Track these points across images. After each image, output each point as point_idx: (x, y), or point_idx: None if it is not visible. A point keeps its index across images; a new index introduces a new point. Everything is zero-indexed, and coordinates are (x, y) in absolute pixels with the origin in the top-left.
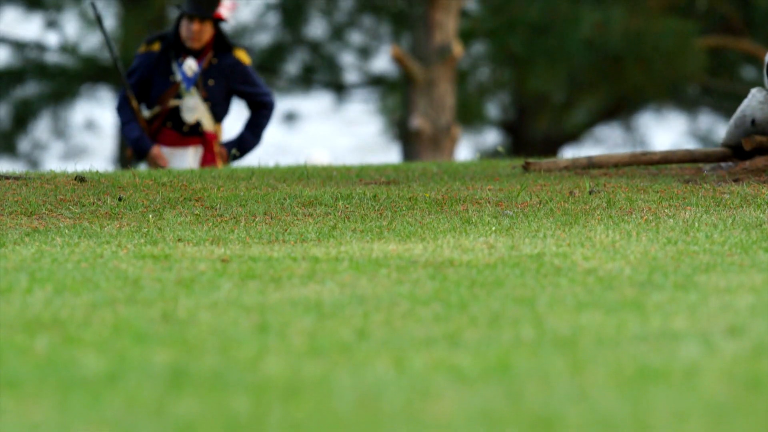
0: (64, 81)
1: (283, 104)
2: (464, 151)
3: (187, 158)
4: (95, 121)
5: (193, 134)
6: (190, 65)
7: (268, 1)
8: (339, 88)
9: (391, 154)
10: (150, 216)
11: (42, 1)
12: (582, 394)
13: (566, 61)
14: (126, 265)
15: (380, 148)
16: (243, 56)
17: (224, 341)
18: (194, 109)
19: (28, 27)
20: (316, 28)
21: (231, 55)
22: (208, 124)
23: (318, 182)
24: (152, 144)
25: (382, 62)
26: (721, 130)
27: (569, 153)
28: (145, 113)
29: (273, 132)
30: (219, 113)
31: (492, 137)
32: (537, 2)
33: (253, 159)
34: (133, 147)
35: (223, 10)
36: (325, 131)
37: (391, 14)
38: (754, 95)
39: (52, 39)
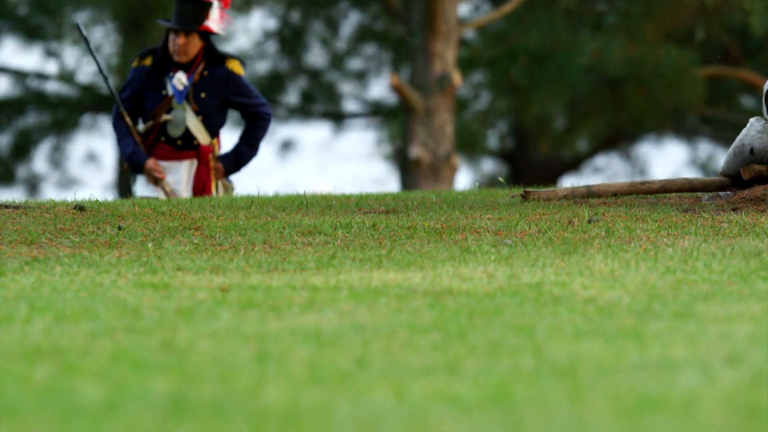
0: (65, 111)
1: (281, 132)
2: (463, 179)
3: (182, 172)
4: (95, 150)
5: (188, 148)
6: (180, 79)
7: (266, 29)
8: (338, 117)
9: (390, 183)
10: (149, 245)
11: (41, 31)
12: (581, 423)
13: (566, 88)
14: (125, 294)
15: (379, 177)
16: (236, 67)
17: (223, 370)
18: (181, 123)
19: (28, 57)
20: (316, 56)
21: (223, 66)
22: (202, 137)
23: (317, 211)
24: (147, 158)
25: (382, 91)
26: (720, 159)
27: (568, 182)
28: (141, 127)
29: (271, 160)
30: (213, 126)
31: (491, 166)
32: (536, 32)
33: (252, 188)
34: (129, 162)
35: (211, 23)
36: (324, 160)
37: (390, 44)
38: (753, 124)
39: (52, 68)
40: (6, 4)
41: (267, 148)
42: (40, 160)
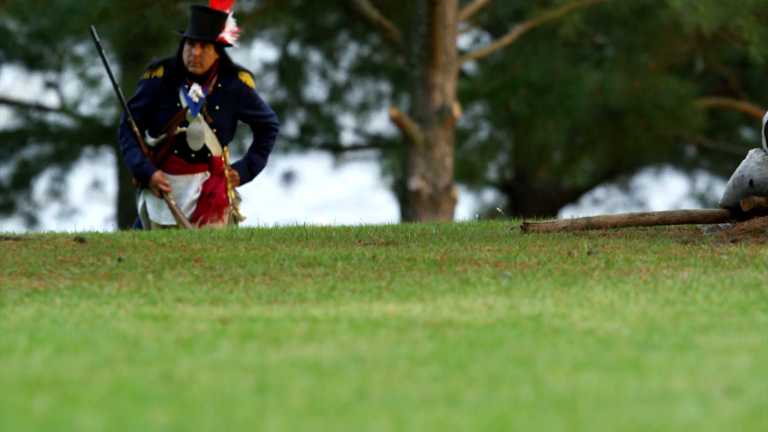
0: (66, 143)
1: (281, 164)
2: (463, 211)
3: (193, 185)
4: (96, 181)
5: (201, 161)
6: (196, 91)
7: (266, 60)
8: (337, 149)
9: (390, 214)
10: (149, 276)
11: (41, 61)
12: None
13: (566, 118)
14: (125, 325)
15: (378, 208)
16: (248, 79)
17: (223, 401)
18: (200, 135)
19: (29, 88)
20: (316, 88)
21: (236, 78)
22: (215, 149)
23: (317, 243)
24: (154, 169)
25: (381, 123)
26: (719, 190)
27: (568, 214)
28: (150, 140)
29: (271, 192)
30: (225, 138)
31: (491, 198)
32: (537, 63)
33: (252, 219)
34: (135, 173)
35: (227, 35)
36: (324, 191)
37: (390, 76)
38: (752, 156)
39: (52, 100)
40: (6, 33)
41: (268, 180)
42: (40, 192)
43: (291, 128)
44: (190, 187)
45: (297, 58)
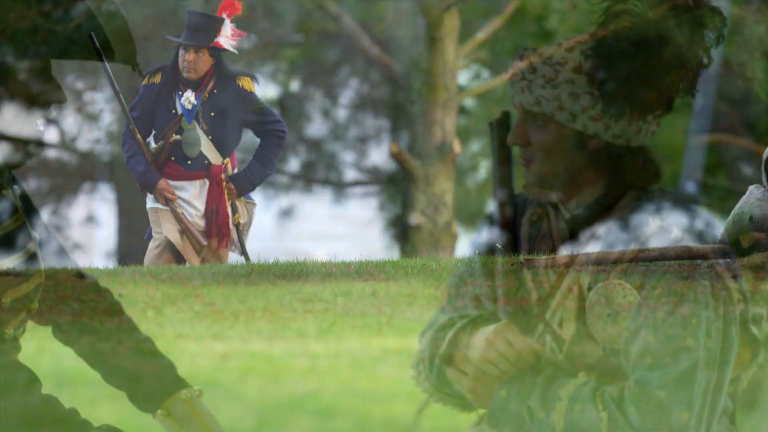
0: (64, 178)
1: (282, 200)
2: (462, 247)
3: (192, 192)
4: (97, 216)
5: (198, 168)
6: (188, 98)
7: (268, 98)
8: (339, 185)
9: (391, 251)
10: (150, 312)
11: (41, 97)
12: None
13: (566, 154)
14: (126, 361)
15: (380, 244)
16: (246, 83)
17: None
18: (195, 143)
19: (28, 125)
20: (318, 126)
21: (233, 84)
22: (213, 157)
23: (317, 278)
24: (159, 177)
25: (381, 159)
26: (718, 227)
27: (567, 250)
28: (152, 146)
29: (273, 227)
30: (224, 145)
31: (491, 234)
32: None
33: (252, 254)
34: (139, 181)
35: (222, 40)
36: (325, 226)
37: (390, 111)
38: (753, 192)
39: (52, 136)
40: (6, 68)
41: (269, 214)
42: (40, 227)
43: (293, 165)
44: (189, 194)
45: (298, 95)
